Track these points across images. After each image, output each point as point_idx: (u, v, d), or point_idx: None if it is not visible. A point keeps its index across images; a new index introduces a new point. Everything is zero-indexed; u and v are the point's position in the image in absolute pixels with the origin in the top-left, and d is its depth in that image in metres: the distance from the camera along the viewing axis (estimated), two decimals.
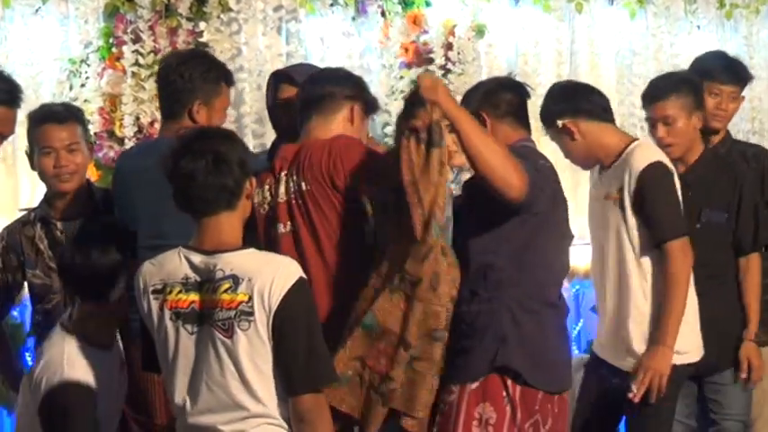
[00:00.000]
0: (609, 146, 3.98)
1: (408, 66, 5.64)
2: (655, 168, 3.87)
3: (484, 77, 5.67)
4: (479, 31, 5.69)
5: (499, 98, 3.70)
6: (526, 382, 3.48)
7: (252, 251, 3.04)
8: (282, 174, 3.55)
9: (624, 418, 4.14)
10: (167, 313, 3.01)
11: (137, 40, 5.32)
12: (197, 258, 3.00)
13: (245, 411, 2.97)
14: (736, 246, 4.30)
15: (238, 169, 3.02)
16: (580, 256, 5.90)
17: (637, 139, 4.09)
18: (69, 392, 3.25)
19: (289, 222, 3.51)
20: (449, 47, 5.63)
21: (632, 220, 3.90)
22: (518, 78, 5.67)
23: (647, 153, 3.93)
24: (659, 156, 3.95)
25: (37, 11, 5.32)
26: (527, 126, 3.76)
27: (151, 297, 3.04)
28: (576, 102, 4.00)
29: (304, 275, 3.00)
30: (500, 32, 5.80)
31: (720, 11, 6.25)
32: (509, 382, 3.47)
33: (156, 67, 5.26)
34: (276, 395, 2.98)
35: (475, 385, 3.47)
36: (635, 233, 3.90)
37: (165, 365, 3.07)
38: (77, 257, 3.31)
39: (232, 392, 2.96)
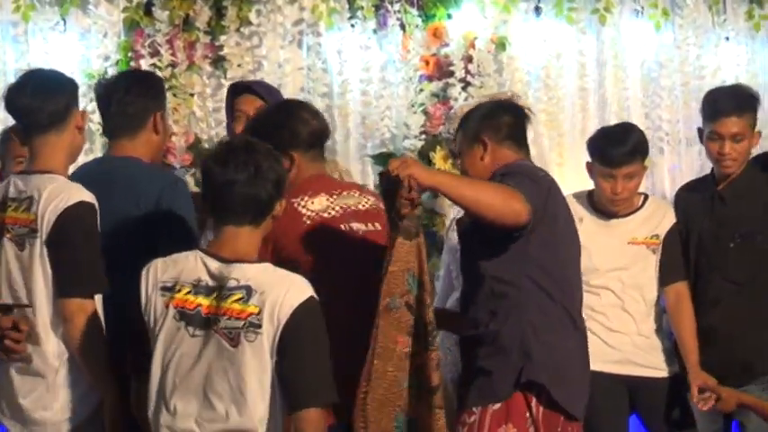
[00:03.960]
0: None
1: (429, 79, 5.60)
2: (676, 226, 4.34)
3: (506, 90, 5.64)
4: (500, 44, 5.64)
5: (500, 121, 3.68)
6: (549, 400, 3.44)
7: (268, 265, 3.08)
8: (344, 191, 3.63)
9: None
10: (171, 311, 3.02)
11: (155, 53, 5.35)
12: (214, 264, 3.03)
13: (230, 423, 2.95)
14: None
15: (273, 188, 3.08)
16: None
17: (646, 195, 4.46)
18: (86, 209, 3.31)
19: (368, 224, 3.58)
20: (469, 59, 5.58)
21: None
22: (540, 92, 5.72)
23: (671, 212, 4.37)
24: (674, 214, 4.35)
25: (56, 25, 5.35)
26: (526, 148, 3.74)
27: (159, 293, 3.05)
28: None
29: (314, 294, 3.02)
30: (521, 45, 5.73)
31: (749, 22, 6.14)
32: (533, 401, 3.44)
33: (174, 81, 5.32)
34: (269, 412, 2.97)
35: (497, 406, 3.45)
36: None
37: (156, 363, 3.05)
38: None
39: (225, 402, 2.95)
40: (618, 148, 4.22)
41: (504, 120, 3.68)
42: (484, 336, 3.47)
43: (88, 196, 3.35)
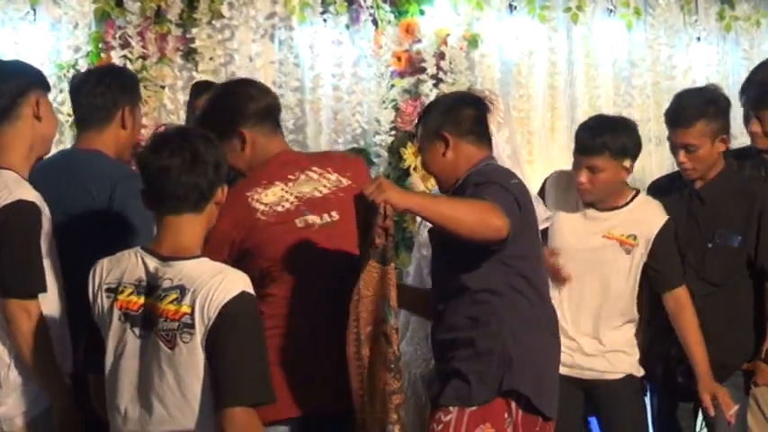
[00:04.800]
0: (625, 189, 4.20)
1: (401, 75, 5.60)
2: (669, 228, 4.14)
3: (477, 87, 5.64)
4: (473, 41, 5.65)
5: (461, 115, 3.55)
6: (528, 404, 3.42)
7: (204, 260, 3.00)
8: (301, 174, 3.50)
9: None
10: (116, 313, 2.98)
11: (126, 45, 5.32)
12: (152, 263, 2.98)
13: (178, 425, 2.92)
14: (759, 271, 4.19)
15: (213, 172, 3.01)
16: None
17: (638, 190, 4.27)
18: (24, 208, 3.24)
19: (325, 214, 3.46)
20: (441, 56, 5.58)
21: (636, 267, 4.12)
22: (511, 89, 5.73)
23: (658, 211, 4.17)
24: (666, 215, 4.16)
25: (26, 15, 5.32)
26: (488, 142, 3.62)
27: (104, 294, 3.01)
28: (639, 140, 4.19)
29: (249, 290, 2.96)
30: (494, 42, 5.75)
31: (720, 23, 6.20)
32: (512, 405, 3.40)
33: (145, 73, 5.29)
34: (210, 414, 2.92)
35: (475, 407, 3.41)
36: (636, 277, 4.13)
37: (107, 365, 3.02)
38: None
39: (167, 404, 2.91)
40: (586, 135, 4.10)
41: (465, 113, 3.56)
42: (461, 340, 3.42)
43: (30, 195, 3.28)
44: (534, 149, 5.81)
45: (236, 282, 2.93)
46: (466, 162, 3.49)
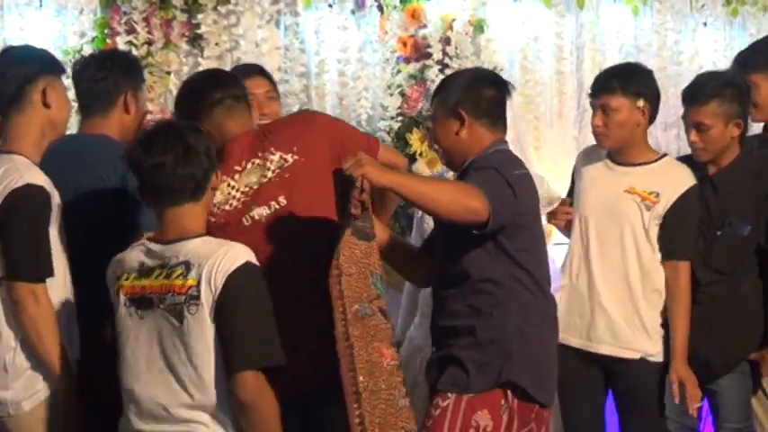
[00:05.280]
0: (647, 146, 4.17)
1: (406, 60, 5.59)
2: (692, 194, 4.06)
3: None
4: (479, 26, 5.64)
5: (480, 95, 3.50)
6: (525, 395, 3.42)
7: (207, 238, 3.07)
8: (243, 164, 3.45)
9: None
10: (122, 299, 3.04)
11: (131, 31, 5.33)
12: (156, 247, 3.04)
13: (192, 400, 2.97)
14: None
15: (206, 160, 3.07)
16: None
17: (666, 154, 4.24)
18: (33, 192, 3.26)
19: (272, 202, 3.41)
20: (447, 41, 5.57)
21: (655, 226, 4.04)
22: (517, 75, 5.72)
23: (686, 174, 4.10)
24: (694, 180, 4.10)
25: (32, 1, 5.35)
26: (503, 126, 3.58)
27: (113, 285, 3.08)
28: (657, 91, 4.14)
29: (254, 261, 3.02)
30: (500, 27, 5.73)
31: (727, 8, 6.18)
32: (509, 393, 3.40)
33: (151, 59, 5.30)
34: (222, 383, 2.98)
35: (472, 394, 3.41)
36: (654, 237, 4.04)
37: (120, 353, 3.08)
38: None
39: (181, 378, 2.97)
40: (599, 77, 4.14)
41: (485, 93, 3.51)
42: (461, 328, 3.42)
43: (39, 179, 3.31)
44: (541, 135, 5.80)
45: (241, 253, 3.00)
46: (477, 144, 3.47)
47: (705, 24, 6.17)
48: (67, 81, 4.92)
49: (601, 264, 4.07)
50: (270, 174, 3.42)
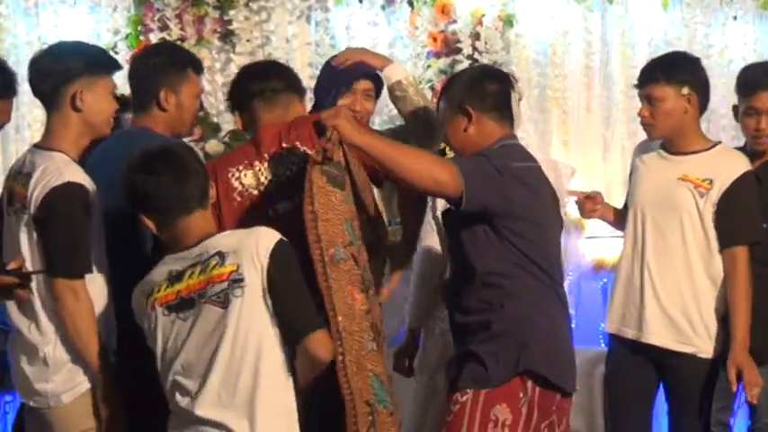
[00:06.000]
0: (699, 134, 4.14)
1: (436, 55, 5.64)
2: (747, 180, 4.04)
3: (513, 68, 5.67)
4: (508, 21, 5.67)
5: (485, 90, 3.52)
6: (546, 382, 3.43)
7: (230, 231, 3.18)
8: (271, 151, 3.51)
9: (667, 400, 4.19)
10: (159, 310, 3.09)
11: (164, 28, 5.39)
12: (181, 254, 3.11)
13: (245, 382, 3.02)
14: None
15: (202, 169, 3.18)
16: (607, 249, 5.89)
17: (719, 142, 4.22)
18: (74, 190, 3.31)
19: (298, 195, 3.40)
20: (476, 36, 5.61)
21: (710, 214, 4.02)
22: (546, 69, 5.74)
23: (741, 160, 4.08)
24: (748, 165, 4.08)
25: None
26: (510, 120, 3.59)
27: (145, 302, 3.13)
28: (704, 78, 4.12)
29: (284, 239, 3.11)
30: (529, 22, 5.76)
31: (757, 1, 6.15)
32: (529, 383, 3.42)
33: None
34: (280, 357, 3.06)
35: (491, 388, 3.42)
36: (710, 225, 4.02)
37: (162, 363, 3.12)
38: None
39: (232, 363, 3.02)
40: (644, 68, 4.16)
41: (488, 88, 3.52)
42: (476, 323, 3.45)
43: (79, 177, 3.34)
44: (569, 129, 5.83)
45: (271, 232, 3.11)
46: (486, 139, 3.48)
47: (735, 18, 6.15)
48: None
49: (655, 254, 4.07)
50: (294, 167, 3.48)
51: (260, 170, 3.50)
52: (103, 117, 3.49)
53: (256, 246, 3.04)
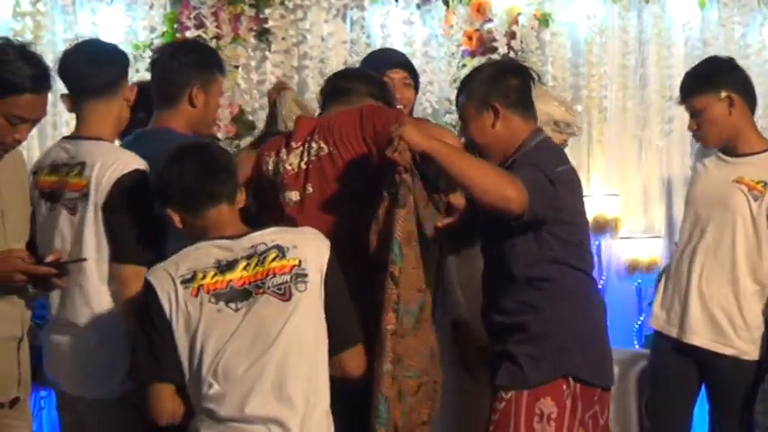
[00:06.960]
0: (754, 135, 4.10)
1: (471, 54, 5.63)
2: None
3: (548, 67, 5.67)
4: (543, 20, 5.66)
5: (507, 85, 3.45)
6: (586, 380, 3.44)
7: (276, 228, 3.14)
8: (297, 144, 3.52)
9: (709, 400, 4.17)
10: (205, 297, 3.02)
11: (200, 26, 5.40)
12: (226, 243, 3.06)
13: (297, 373, 2.99)
14: None
15: (233, 168, 3.16)
16: (642, 249, 5.88)
17: None
18: (143, 177, 3.34)
19: (302, 189, 3.48)
20: (512, 35, 5.61)
21: (763, 217, 3.99)
22: (582, 69, 5.73)
23: None
24: None
25: None
26: (534, 115, 3.54)
27: (180, 288, 3.03)
28: (742, 76, 4.10)
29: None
30: (565, 21, 5.76)
31: None
32: (570, 380, 3.42)
33: (219, 53, 5.35)
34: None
35: (531, 387, 3.42)
36: (763, 229, 4.00)
37: (195, 352, 3.02)
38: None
39: (289, 353, 2.98)
40: (682, 82, 4.15)
41: (511, 83, 3.46)
42: (514, 324, 3.43)
43: (143, 164, 3.38)
44: (605, 129, 5.81)
45: (324, 238, 3.13)
46: (514, 136, 3.44)
47: None
48: (139, 75, 5.13)
49: (704, 255, 4.06)
50: (306, 160, 3.48)
51: (283, 159, 3.51)
52: (128, 114, 3.59)
53: (317, 247, 3.07)
